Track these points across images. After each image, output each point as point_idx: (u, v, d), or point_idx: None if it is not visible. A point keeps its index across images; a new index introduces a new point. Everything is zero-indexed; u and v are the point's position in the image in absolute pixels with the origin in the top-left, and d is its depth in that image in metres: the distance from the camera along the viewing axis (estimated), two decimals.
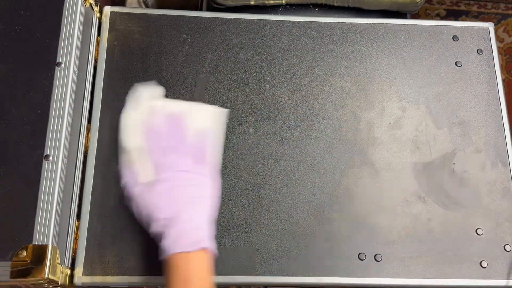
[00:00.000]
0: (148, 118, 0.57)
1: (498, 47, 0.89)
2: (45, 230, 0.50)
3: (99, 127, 0.61)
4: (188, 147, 0.56)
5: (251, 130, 0.63)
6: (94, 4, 0.62)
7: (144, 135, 0.56)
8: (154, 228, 0.52)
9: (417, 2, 0.85)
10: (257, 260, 0.58)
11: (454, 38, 0.69)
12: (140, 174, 0.54)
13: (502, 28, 1.49)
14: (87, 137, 0.60)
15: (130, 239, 0.57)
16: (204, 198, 0.55)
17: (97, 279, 0.55)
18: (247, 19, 0.68)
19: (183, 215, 0.52)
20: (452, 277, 0.59)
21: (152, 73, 0.64)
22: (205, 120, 0.59)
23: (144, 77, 0.63)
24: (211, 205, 0.55)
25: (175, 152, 0.55)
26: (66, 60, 0.56)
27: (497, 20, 1.49)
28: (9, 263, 0.48)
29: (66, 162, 0.54)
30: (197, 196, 0.54)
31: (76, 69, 0.56)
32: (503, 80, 0.67)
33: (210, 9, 0.89)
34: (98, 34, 0.65)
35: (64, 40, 0.56)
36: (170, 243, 0.50)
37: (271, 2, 0.86)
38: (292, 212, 0.60)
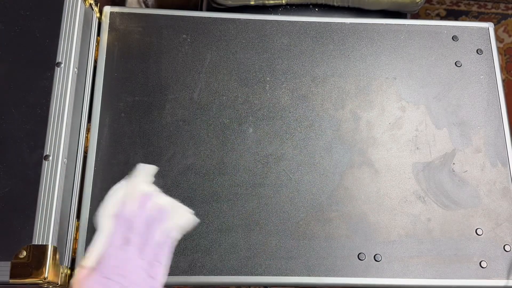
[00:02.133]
0: (129, 202, 0.52)
1: (498, 47, 0.88)
2: (45, 230, 0.50)
3: (98, 127, 0.61)
4: (151, 247, 0.51)
5: (251, 130, 0.63)
6: (94, 4, 0.62)
7: (116, 217, 0.51)
8: None
9: (417, 2, 0.85)
10: (257, 260, 0.58)
11: (454, 38, 0.69)
12: (88, 256, 0.49)
13: (502, 28, 1.49)
14: (87, 137, 0.60)
15: None
16: None
17: None
18: (247, 19, 0.68)
19: None
20: (452, 277, 0.59)
21: (151, 73, 0.64)
22: (177, 222, 0.53)
23: (144, 77, 0.64)
24: None
25: (134, 247, 0.50)
26: (66, 60, 0.56)
27: (497, 20, 1.49)
28: (9, 263, 0.48)
29: (66, 162, 0.54)
30: None
31: (76, 69, 0.57)
32: (503, 80, 0.67)
33: (210, 9, 0.88)
34: (98, 34, 0.65)
35: (64, 40, 0.56)
36: None
37: (271, 2, 0.85)
38: (292, 212, 0.60)
